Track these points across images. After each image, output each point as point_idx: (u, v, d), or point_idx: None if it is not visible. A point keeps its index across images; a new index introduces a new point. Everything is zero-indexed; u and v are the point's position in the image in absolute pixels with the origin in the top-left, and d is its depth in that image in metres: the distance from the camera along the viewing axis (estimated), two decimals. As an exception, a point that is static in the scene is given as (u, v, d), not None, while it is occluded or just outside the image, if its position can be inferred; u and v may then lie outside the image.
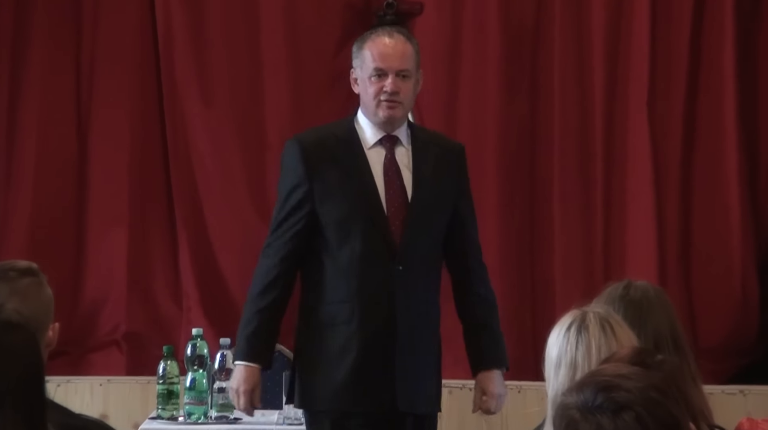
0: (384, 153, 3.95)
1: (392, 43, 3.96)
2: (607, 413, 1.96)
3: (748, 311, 5.57)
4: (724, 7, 5.58)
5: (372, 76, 3.95)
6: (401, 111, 3.96)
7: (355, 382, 3.81)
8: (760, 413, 4.87)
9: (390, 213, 3.88)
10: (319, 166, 3.92)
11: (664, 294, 3.22)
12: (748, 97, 5.65)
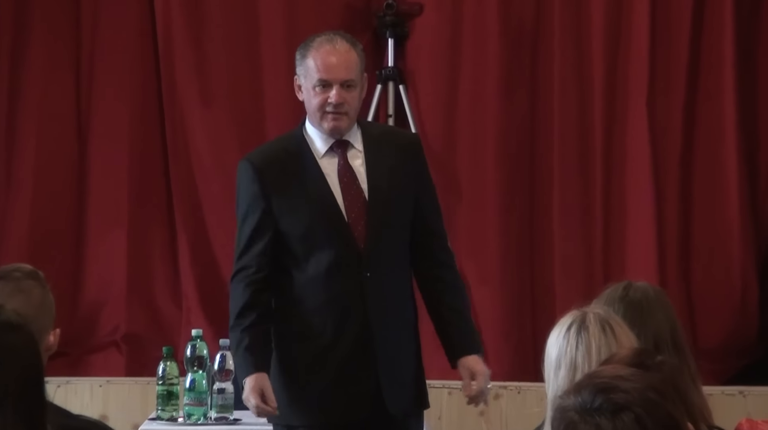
0: (336, 160, 3.90)
1: (336, 52, 3.89)
2: (605, 414, 1.96)
3: (748, 311, 5.57)
4: (724, 6, 5.57)
5: (316, 86, 3.89)
6: (346, 122, 3.90)
7: (336, 393, 3.79)
8: (760, 414, 4.87)
9: (351, 219, 3.84)
10: (274, 184, 3.87)
11: (663, 295, 3.22)
12: (748, 98, 5.64)
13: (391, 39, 5.69)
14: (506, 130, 5.70)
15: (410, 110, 5.70)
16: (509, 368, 5.57)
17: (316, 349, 3.81)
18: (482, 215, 5.70)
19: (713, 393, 5.07)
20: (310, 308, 3.82)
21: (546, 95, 5.70)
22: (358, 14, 5.76)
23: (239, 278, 3.88)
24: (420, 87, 5.76)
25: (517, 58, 5.70)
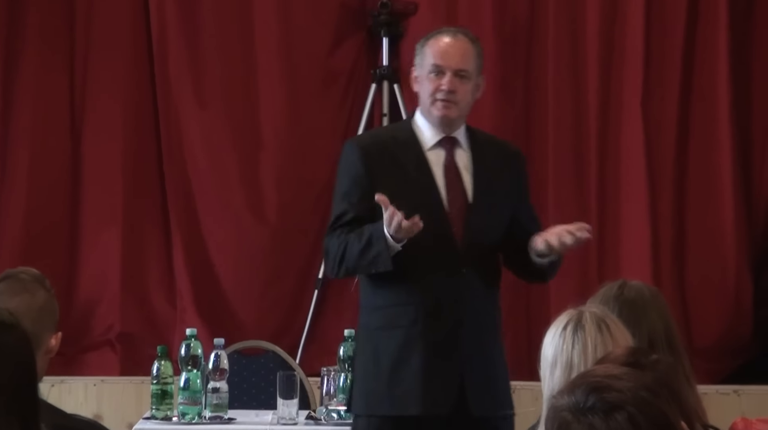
0: (444, 154, 3.90)
1: (453, 41, 3.91)
2: (599, 413, 1.96)
3: (742, 311, 5.57)
4: (719, 6, 5.57)
5: (430, 72, 3.88)
6: (456, 112, 3.89)
7: (421, 386, 3.75)
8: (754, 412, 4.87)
9: (451, 215, 3.84)
10: (378, 168, 3.86)
11: (658, 294, 3.22)
12: (742, 97, 5.64)
13: (386, 38, 5.69)
14: (501, 129, 5.69)
15: (405, 109, 5.70)
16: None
17: (405, 339, 3.78)
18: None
19: (708, 392, 5.06)
20: (403, 299, 3.80)
21: (541, 94, 5.70)
22: (353, 13, 5.76)
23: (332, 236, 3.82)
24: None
25: (512, 57, 5.70)
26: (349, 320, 5.33)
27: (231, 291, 5.73)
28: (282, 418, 4.20)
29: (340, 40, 5.75)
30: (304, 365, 5.20)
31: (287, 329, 5.72)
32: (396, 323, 3.79)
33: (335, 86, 5.78)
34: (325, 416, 4.19)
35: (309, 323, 5.68)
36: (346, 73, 5.77)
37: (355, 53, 5.78)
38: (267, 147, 5.77)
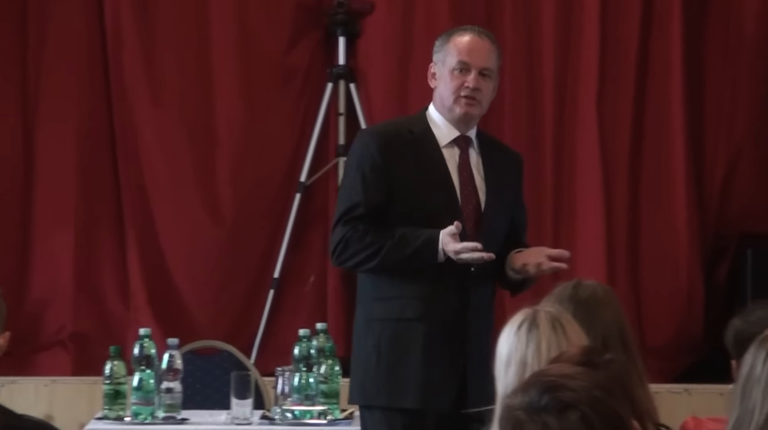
0: (458, 153, 3.89)
1: (478, 40, 3.91)
2: (552, 412, 1.96)
3: (694, 310, 5.61)
4: (672, 7, 5.61)
5: (455, 69, 3.88)
6: (478, 110, 3.90)
7: (424, 378, 3.75)
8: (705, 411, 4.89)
9: (465, 214, 3.84)
10: (397, 160, 3.84)
11: (612, 294, 3.23)
12: (695, 98, 5.68)
13: (343, 37, 5.68)
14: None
15: (361, 109, 5.69)
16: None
17: (410, 333, 3.77)
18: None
19: (660, 391, 5.09)
20: (410, 292, 3.79)
21: (497, 95, 5.69)
22: (309, 13, 5.74)
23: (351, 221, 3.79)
24: (371, 85, 5.75)
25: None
26: (304, 319, 5.33)
27: (185, 291, 5.70)
28: (236, 418, 4.18)
29: (297, 39, 5.74)
30: (259, 364, 5.19)
31: (242, 328, 5.70)
32: (401, 316, 3.79)
33: (291, 85, 5.76)
34: (279, 415, 4.18)
35: (264, 322, 5.67)
36: (302, 72, 5.76)
37: (312, 52, 5.76)
38: (223, 146, 5.75)
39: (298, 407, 4.14)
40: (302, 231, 5.75)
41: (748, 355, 2.66)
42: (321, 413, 4.15)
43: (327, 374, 4.24)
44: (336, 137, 5.74)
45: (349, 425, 4.17)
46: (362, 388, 3.83)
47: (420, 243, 3.80)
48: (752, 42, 5.60)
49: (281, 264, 5.67)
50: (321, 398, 4.19)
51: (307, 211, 5.75)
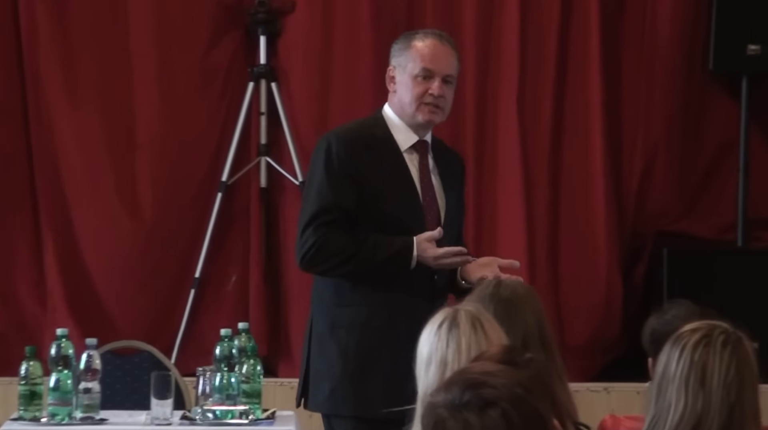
0: (418, 158, 3.88)
1: (441, 46, 3.89)
2: (474, 409, 1.96)
3: (612, 309, 5.67)
4: (590, 8, 5.65)
5: (418, 76, 3.85)
6: (440, 117, 3.89)
7: (391, 387, 3.71)
8: (623, 409, 4.95)
9: (427, 221, 3.84)
10: (363, 163, 3.82)
11: (533, 293, 3.26)
12: (613, 98, 5.74)
13: (263, 36, 5.66)
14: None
15: (283, 108, 5.68)
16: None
17: (379, 341, 3.75)
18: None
19: (579, 389, 5.14)
20: (378, 299, 3.77)
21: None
22: (230, 12, 5.71)
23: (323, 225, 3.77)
24: (293, 84, 5.74)
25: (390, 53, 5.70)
26: (226, 319, 5.30)
27: (104, 290, 5.64)
28: (156, 418, 4.15)
29: (217, 38, 5.70)
30: (180, 364, 5.15)
31: (163, 328, 5.66)
32: (368, 323, 3.77)
33: (212, 85, 5.73)
34: (200, 416, 4.15)
35: (185, 322, 5.63)
36: (223, 71, 5.73)
37: (232, 52, 5.73)
38: (142, 146, 5.70)
39: (219, 407, 4.12)
40: (224, 231, 5.72)
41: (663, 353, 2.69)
42: (242, 413, 4.13)
43: (249, 373, 4.22)
44: (258, 136, 5.72)
45: (271, 425, 4.16)
46: (330, 396, 3.79)
47: (395, 249, 3.79)
48: (667, 43, 5.67)
49: (202, 264, 5.64)
50: (243, 398, 4.17)
51: (229, 210, 5.73)
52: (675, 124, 5.71)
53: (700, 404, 2.64)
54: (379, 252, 3.78)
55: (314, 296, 3.96)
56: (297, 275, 5.71)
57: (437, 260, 3.76)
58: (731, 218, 5.69)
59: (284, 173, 5.69)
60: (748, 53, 5.54)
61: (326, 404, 3.82)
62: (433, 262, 3.76)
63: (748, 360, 2.68)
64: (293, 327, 5.73)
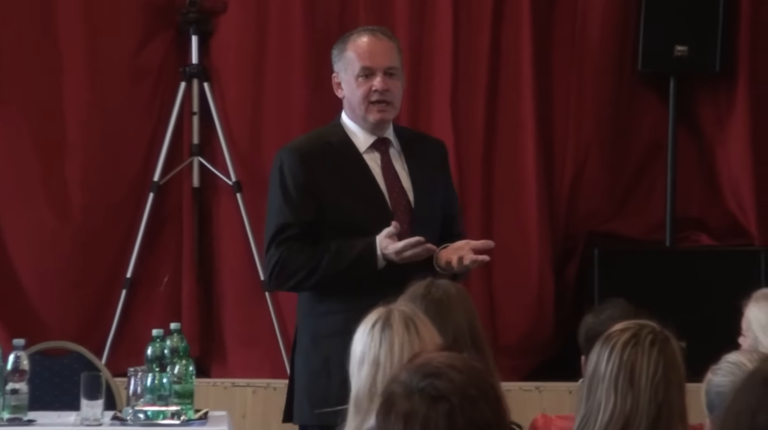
0: (380, 156, 3.86)
1: (375, 40, 3.86)
2: (425, 398, 1.97)
3: (545, 309, 5.70)
4: (522, 9, 5.68)
5: (359, 76, 3.83)
6: (392, 113, 3.86)
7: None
8: (555, 408, 4.98)
9: (397, 216, 3.81)
10: (320, 174, 3.79)
11: (465, 293, 3.27)
12: (545, 100, 5.77)
13: (195, 36, 5.63)
14: (313, 126, 5.65)
15: (215, 108, 5.66)
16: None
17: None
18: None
19: (511, 389, 5.17)
20: (354, 304, 3.69)
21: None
22: (161, 11, 5.68)
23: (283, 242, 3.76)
24: (225, 84, 5.72)
25: (323, 55, 5.67)
26: (157, 320, 5.26)
27: (33, 291, 5.59)
28: (86, 419, 4.11)
29: (148, 38, 5.67)
30: (111, 365, 5.12)
31: (94, 329, 5.62)
32: (347, 330, 3.74)
33: (143, 84, 5.69)
34: (131, 416, 4.12)
35: (116, 323, 5.59)
36: (155, 71, 5.69)
37: (164, 51, 5.70)
38: (72, 146, 5.65)
39: (151, 407, 4.10)
40: (156, 231, 5.69)
41: (593, 353, 2.72)
42: (174, 413, 4.11)
43: (181, 374, 4.19)
44: (190, 136, 5.70)
45: (203, 425, 4.14)
46: (315, 409, 3.74)
47: (357, 252, 3.77)
48: (597, 44, 5.71)
49: (134, 264, 5.61)
50: (174, 398, 4.15)
51: (162, 210, 5.69)
52: (605, 125, 5.75)
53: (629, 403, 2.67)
54: (342, 258, 3.77)
55: (298, 307, 3.95)
56: (230, 275, 5.71)
57: (399, 255, 3.73)
58: (660, 218, 5.75)
59: (217, 173, 5.67)
60: (675, 54, 5.61)
61: (311, 417, 3.80)
62: (396, 257, 3.74)
63: (675, 360, 2.72)
64: (226, 327, 5.71)
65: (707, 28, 5.56)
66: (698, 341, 4.91)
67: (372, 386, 2.73)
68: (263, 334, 5.67)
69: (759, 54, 5.66)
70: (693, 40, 5.58)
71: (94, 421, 4.11)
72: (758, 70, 5.66)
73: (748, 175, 5.66)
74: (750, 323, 3.43)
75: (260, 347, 5.68)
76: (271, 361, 5.65)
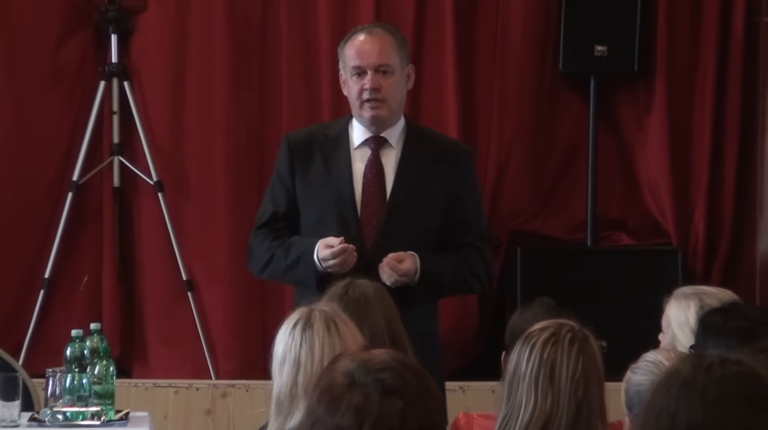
0: (370, 153, 3.85)
1: (368, 38, 3.86)
2: (377, 391, 1.93)
3: (468, 309, 5.73)
4: (444, 11, 5.69)
5: (353, 75, 3.85)
6: (386, 111, 3.84)
7: None
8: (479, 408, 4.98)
9: (363, 216, 3.80)
10: (303, 166, 3.84)
11: (384, 292, 3.29)
12: (467, 102, 5.79)
13: (115, 35, 5.58)
14: (235, 126, 5.68)
15: (136, 107, 5.61)
16: (238, 367, 5.57)
17: None
18: (211, 212, 5.66)
19: (435, 388, 5.18)
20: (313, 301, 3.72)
21: (275, 91, 5.71)
22: (79, 9, 5.62)
23: (256, 230, 3.89)
24: (146, 83, 5.67)
25: (245, 54, 5.69)
26: (77, 320, 5.21)
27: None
28: (2, 420, 4.06)
29: (66, 36, 5.61)
30: (29, 366, 5.06)
31: (11, 329, 5.55)
32: None
33: (61, 83, 5.63)
34: (49, 418, 4.08)
35: (34, 323, 5.53)
36: (73, 70, 5.63)
37: (83, 50, 5.64)
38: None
39: (70, 408, 4.06)
40: (76, 230, 5.63)
41: (514, 353, 2.74)
42: (94, 414, 4.07)
43: (101, 375, 4.16)
44: (110, 136, 5.64)
45: (125, 426, 4.11)
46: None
47: (297, 254, 3.80)
48: (518, 44, 5.74)
49: (52, 264, 5.54)
50: (95, 399, 4.11)
51: (81, 210, 5.64)
52: (527, 125, 5.79)
53: (550, 401, 2.69)
54: (288, 255, 3.82)
55: None
56: (151, 275, 5.67)
57: (324, 263, 3.75)
58: (581, 218, 5.80)
59: (138, 173, 5.62)
60: (595, 54, 5.66)
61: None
62: (322, 265, 3.77)
63: (594, 358, 2.74)
64: (148, 328, 5.67)
65: (626, 29, 5.62)
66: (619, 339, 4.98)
67: (293, 386, 2.73)
68: (185, 334, 5.64)
69: (676, 54, 5.73)
70: (612, 41, 5.63)
71: (10, 422, 4.06)
72: (675, 70, 5.73)
73: (666, 175, 5.72)
74: (669, 320, 3.48)
75: (182, 347, 5.64)
76: (193, 361, 5.62)
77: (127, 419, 4.17)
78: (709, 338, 3.07)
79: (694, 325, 3.30)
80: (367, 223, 3.84)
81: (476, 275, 4.00)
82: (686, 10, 5.73)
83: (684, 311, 3.45)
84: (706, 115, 5.74)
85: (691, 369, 2.08)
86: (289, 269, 3.82)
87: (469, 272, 3.98)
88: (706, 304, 3.37)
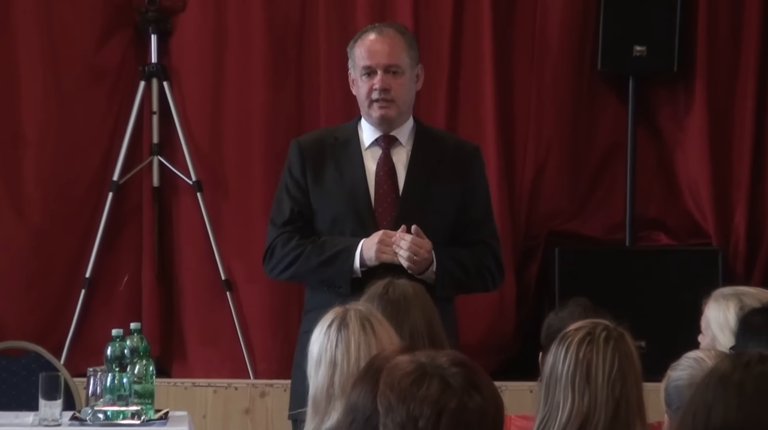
0: (381, 152, 3.88)
1: (379, 38, 3.88)
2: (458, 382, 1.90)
3: (505, 309, 5.72)
4: (482, 10, 5.69)
5: (363, 74, 3.87)
6: (395, 110, 3.86)
7: None
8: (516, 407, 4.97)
9: (378, 213, 3.82)
10: (315, 168, 3.86)
11: (423, 292, 3.29)
12: (505, 101, 5.78)
13: (155, 35, 5.60)
14: (274, 126, 5.70)
15: (175, 107, 5.64)
16: (276, 366, 5.58)
17: None
18: (249, 212, 5.68)
19: (473, 389, 5.16)
20: (333, 301, 3.71)
21: (313, 91, 5.72)
22: (119, 10, 5.65)
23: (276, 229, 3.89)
24: (185, 84, 5.70)
25: (283, 53, 5.70)
26: (117, 320, 5.24)
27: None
28: (44, 419, 4.10)
29: (107, 37, 5.64)
30: (70, 365, 5.10)
31: (52, 329, 5.59)
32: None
33: (102, 83, 5.67)
34: (90, 417, 4.11)
35: (75, 323, 5.56)
36: (114, 70, 5.66)
37: (123, 51, 5.67)
38: (29, 146, 5.61)
39: (111, 407, 4.09)
40: (116, 230, 5.66)
41: (551, 353, 2.74)
42: (134, 413, 4.10)
43: (141, 374, 4.18)
44: (150, 136, 5.67)
45: (164, 425, 4.13)
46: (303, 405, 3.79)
47: (336, 250, 3.80)
48: (556, 44, 5.72)
49: (93, 263, 5.58)
50: (135, 398, 4.14)
51: (121, 210, 5.67)
52: (565, 125, 5.77)
53: (587, 401, 2.69)
54: (320, 253, 3.82)
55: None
56: (190, 275, 5.69)
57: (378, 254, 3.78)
58: (620, 218, 5.78)
59: (177, 172, 5.65)
60: (634, 54, 5.63)
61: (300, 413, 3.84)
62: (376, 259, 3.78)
63: (630, 355, 2.73)
64: (187, 327, 5.69)
65: (665, 29, 5.59)
66: (658, 340, 4.96)
67: (329, 386, 2.73)
68: (224, 334, 5.66)
69: (716, 54, 5.70)
70: (651, 41, 5.61)
71: (52, 421, 4.09)
72: (715, 70, 5.70)
73: (706, 175, 5.69)
74: (709, 322, 3.46)
75: (221, 346, 5.66)
76: (232, 361, 5.64)
77: (167, 418, 4.19)
78: (749, 338, 3.06)
79: (734, 326, 3.28)
80: (381, 219, 3.86)
81: (489, 270, 4.03)
82: (727, 9, 5.70)
83: (723, 311, 3.43)
84: (747, 115, 5.70)
85: (729, 365, 2.09)
86: (323, 266, 3.82)
87: (483, 268, 4.03)
88: (746, 304, 3.35)
